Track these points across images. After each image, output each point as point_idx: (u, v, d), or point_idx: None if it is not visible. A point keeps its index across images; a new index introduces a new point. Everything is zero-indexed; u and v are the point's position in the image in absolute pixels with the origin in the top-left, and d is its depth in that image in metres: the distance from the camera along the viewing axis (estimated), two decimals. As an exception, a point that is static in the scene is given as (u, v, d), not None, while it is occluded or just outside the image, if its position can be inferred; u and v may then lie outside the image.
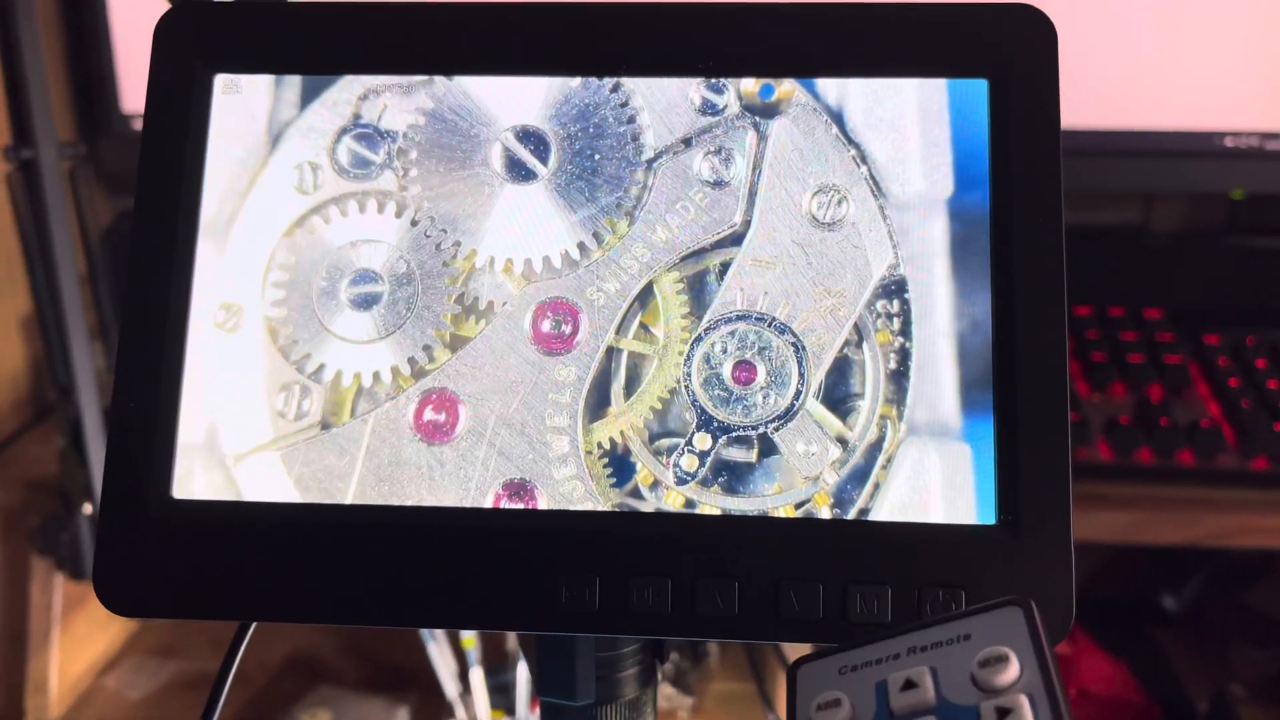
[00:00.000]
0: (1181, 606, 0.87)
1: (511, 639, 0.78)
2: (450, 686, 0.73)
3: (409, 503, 0.32)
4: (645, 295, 0.33)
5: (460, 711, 0.74)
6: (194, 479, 0.33)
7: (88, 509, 0.77)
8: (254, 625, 0.35)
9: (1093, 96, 0.81)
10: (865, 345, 0.32)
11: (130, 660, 0.91)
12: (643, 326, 0.33)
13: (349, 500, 0.32)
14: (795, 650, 0.31)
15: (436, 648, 0.73)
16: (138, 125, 0.98)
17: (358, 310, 0.34)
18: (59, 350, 0.74)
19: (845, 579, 0.30)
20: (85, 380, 0.75)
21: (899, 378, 0.32)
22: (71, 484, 0.78)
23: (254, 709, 0.84)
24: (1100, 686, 0.81)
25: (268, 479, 0.33)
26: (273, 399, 0.33)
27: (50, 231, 0.72)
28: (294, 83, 0.34)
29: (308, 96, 0.34)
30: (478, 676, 0.72)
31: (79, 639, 0.88)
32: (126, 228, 1.10)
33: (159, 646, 0.92)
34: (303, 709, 0.81)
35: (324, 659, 0.88)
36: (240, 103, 0.34)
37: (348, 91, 0.34)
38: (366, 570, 0.31)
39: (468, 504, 0.32)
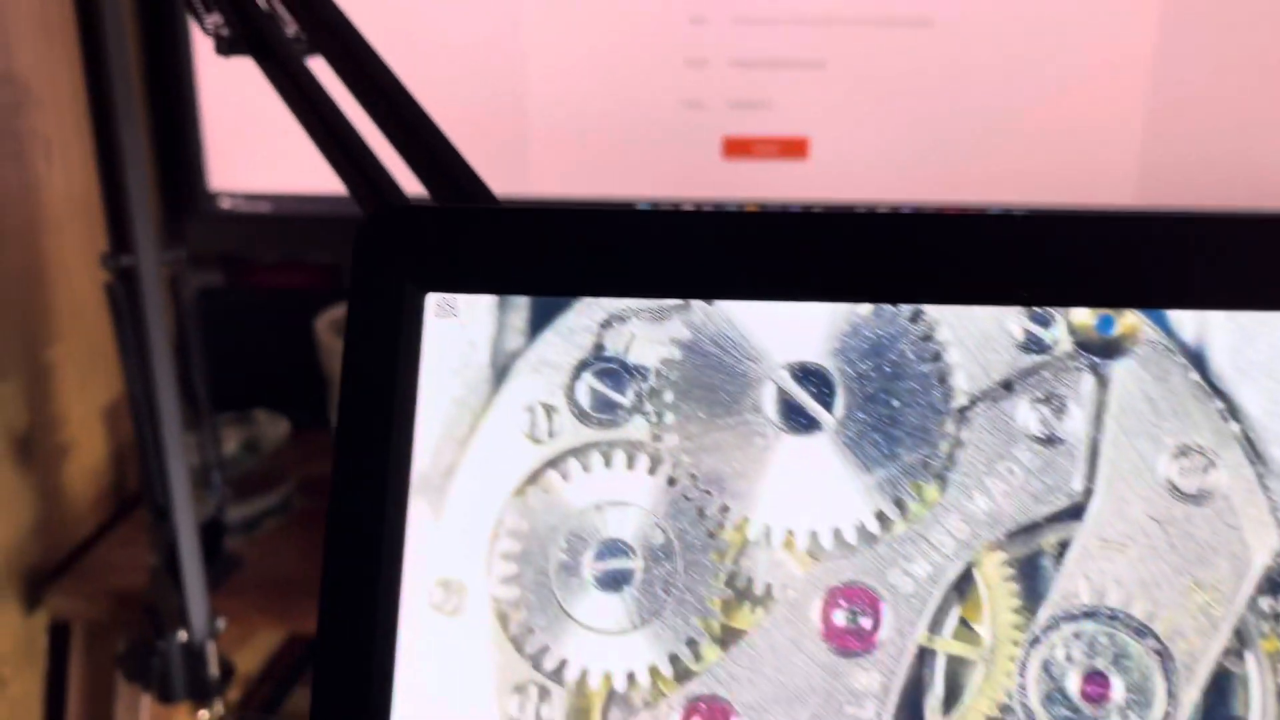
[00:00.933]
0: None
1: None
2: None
3: (679, 845, 0.26)
4: (964, 581, 0.27)
5: None
6: (412, 805, 0.27)
7: (183, 636, 0.72)
8: None
9: None
10: (1248, 655, 0.26)
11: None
12: (963, 622, 0.27)
13: (605, 840, 0.26)
14: None
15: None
16: (224, 204, 0.93)
17: (605, 591, 0.28)
18: (156, 471, 0.69)
19: None
20: (181, 497, 0.70)
21: (1295, 700, 0.26)
22: (164, 606, 0.73)
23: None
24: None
25: (502, 808, 0.27)
26: (505, 702, 0.27)
27: (149, 341, 0.67)
28: (521, 305, 0.29)
29: (538, 322, 0.29)
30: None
31: (164, 761, 0.83)
32: (211, 305, 1.05)
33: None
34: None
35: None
36: (457, 329, 0.29)
37: (587, 317, 0.29)
38: None
39: None
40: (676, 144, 0.87)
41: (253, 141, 0.92)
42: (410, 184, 0.40)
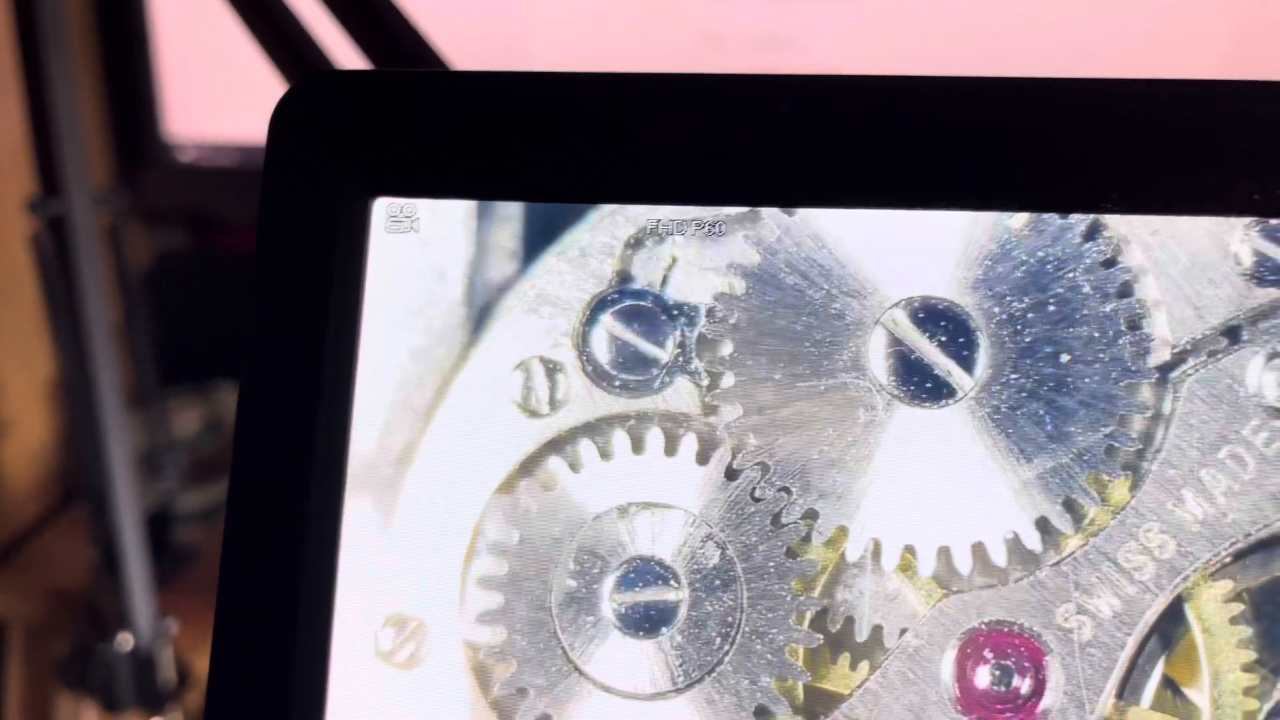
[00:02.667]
0: None
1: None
2: None
3: None
4: (1169, 624, 0.18)
5: None
6: None
7: (128, 642, 0.63)
8: None
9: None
10: None
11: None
12: (1168, 685, 0.18)
13: None
14: None
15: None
16: (182, 155, 0.84)
17: (634, 635, 0.19)
18: (90, 451, 0.60)
19: None
20: (123, 481, 0.61)
21: None
22: (105, 607, 0.64)
23: None
24: None
25: None
26: (484, 802, 0.18)
27: (84, 301, 0.58)
28: (511, 216, 0.20)
29: (536, 240, 0.20)
30: None
31: (110, 776, 0.74)
32: (170, 270, 0.96)
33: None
34: None
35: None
36: (418, 249, 0.20)
37: (607, 233, 0.20)
38: None
39: None
40: (689, 88, 0.77)
41: (217, 80, 0.82)
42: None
